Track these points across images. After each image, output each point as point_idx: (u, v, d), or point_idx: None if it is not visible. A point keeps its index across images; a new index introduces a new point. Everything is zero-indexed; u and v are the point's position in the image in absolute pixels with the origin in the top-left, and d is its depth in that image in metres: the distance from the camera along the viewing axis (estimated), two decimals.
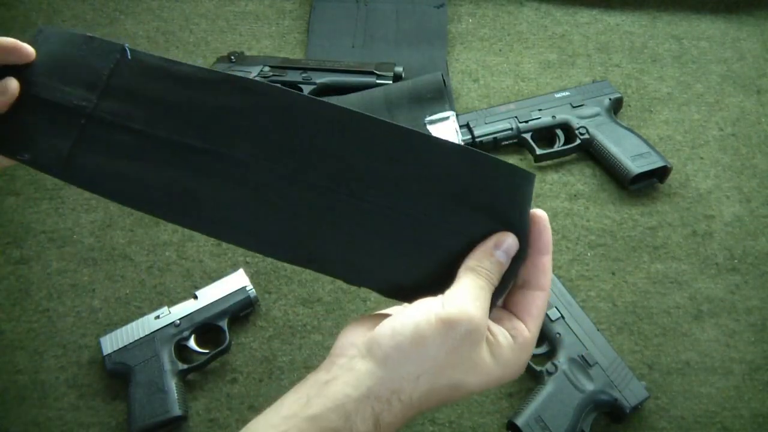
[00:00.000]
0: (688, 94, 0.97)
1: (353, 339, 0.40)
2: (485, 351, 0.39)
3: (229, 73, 0.45)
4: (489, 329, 0.40)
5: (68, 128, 0.43)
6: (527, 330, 0.41)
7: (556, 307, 0.72)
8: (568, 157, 0.89)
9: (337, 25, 1.04)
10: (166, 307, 0.73)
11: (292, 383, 0.74)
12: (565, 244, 0.81)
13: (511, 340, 0.40)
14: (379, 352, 0.38)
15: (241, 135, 0.41)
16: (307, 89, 0.93)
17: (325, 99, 0.97)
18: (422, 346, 0.37)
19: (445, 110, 0.85)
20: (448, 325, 0.37)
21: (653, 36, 1.04)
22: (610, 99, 0.91)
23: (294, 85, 0.94)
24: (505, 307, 0.42)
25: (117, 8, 1.08)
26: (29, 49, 0.46)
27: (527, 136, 0.88)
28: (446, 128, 0.83)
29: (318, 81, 0.93)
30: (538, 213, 0.42)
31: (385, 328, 0.39)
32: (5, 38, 0.45)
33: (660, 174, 0.85)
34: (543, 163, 0.88)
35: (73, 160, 0.43)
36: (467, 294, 0.39)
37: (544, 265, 0.42)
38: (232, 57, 0.96)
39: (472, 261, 0.40)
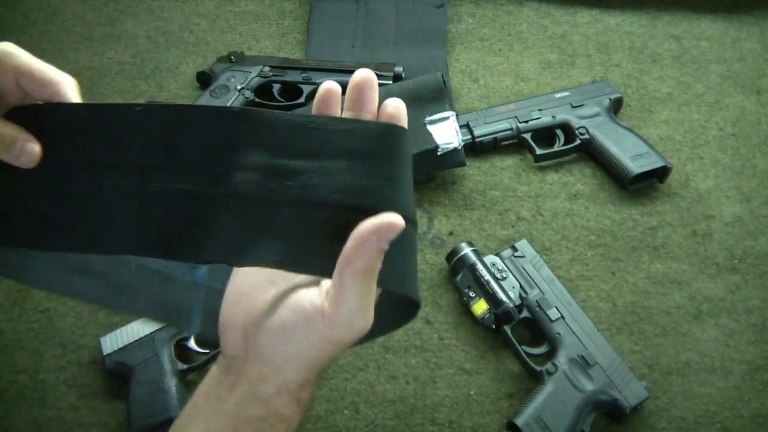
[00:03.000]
0: (688, 94, 0.97)
1: (238, 330, 0.39)
2: None
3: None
4: None
5: None
6: None
7: (556, 307, 0.72)
8: (568, 157, 0.89)
9: (337, 25, 1.04)
10: None
11: None
12: (565, 244, 0.81)
13: None
14: (273, 366, 0.38)
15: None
16: (307, 89, 0.93)
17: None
18: (309, 365, 0.39)
19: (445, 110, 0.84)
20: (334, 345, 0.38)
21: (653, 36, 1.04)
22: (610, 99, 0.91)
23: (294, 85, 0.94)
24: None
25: (117, 8, 1.08)
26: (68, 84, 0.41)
27: (527, 136, 0.88)
28: (446, 128, 0.83)
29: (318, 81, 0.93)
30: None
31: (271, 337, 0.38)
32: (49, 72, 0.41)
33: (660, 174, 0.85)
34: (543, 163, 0.88)
35: None
36: (357, 309, 0.37)
37: None
38: (232, 57, 0.96)
39: (357, 259, 0.36)
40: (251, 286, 0.40)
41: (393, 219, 0.35)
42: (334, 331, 0.37)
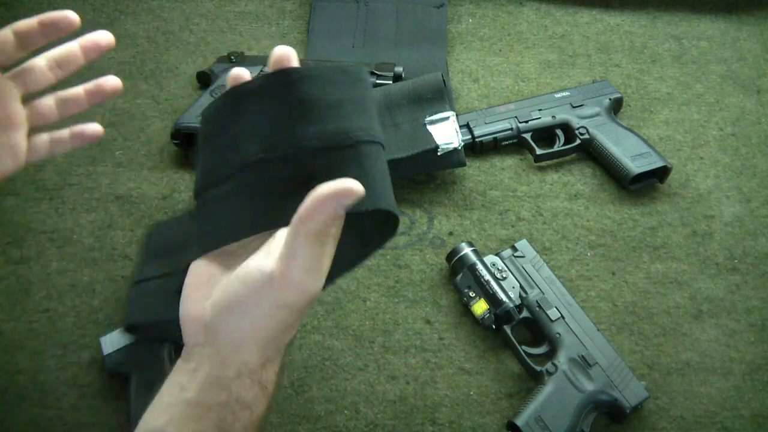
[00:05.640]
0: (688, 94, 0.97)
1: (195, 319, 0.39)
2: None
3: None
4: None
5: None
6: None
7: (556, 307, 0.72)
8: (568, 157, 0.89)
9: (337, 25, 1.04)
10: None
11: (292, 383, 0.74)
12: (565, 244, 0.81)
13: None
14: (231, 346, 0.38)
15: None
16: None
17: None
18: (266, 338, 0.38)
19: (445, 110, 0.84)
20: (287, 310, 0.37)
21: (653, 36, 1.04)
22: (610, 99, 0.91)
23: None
24: None
25: (117, 8, 1.08)
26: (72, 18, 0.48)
27: (527, 136, 0.88)
28: (446, 128, 0.83)
29: None
30: None
31: (226, 315, 0.38)
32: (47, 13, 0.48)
33: (660, 174, 0.85)
34: (543, 163, 0.88)
35: None
36: (309, 269, 0.36)
37: None
38: (232, 57, 0.96)
39: (312, 220, 0.35)
40: (208, 274, 0.40)
41: (352, 185, 0.35)
42: (285, 294, 0.36)
